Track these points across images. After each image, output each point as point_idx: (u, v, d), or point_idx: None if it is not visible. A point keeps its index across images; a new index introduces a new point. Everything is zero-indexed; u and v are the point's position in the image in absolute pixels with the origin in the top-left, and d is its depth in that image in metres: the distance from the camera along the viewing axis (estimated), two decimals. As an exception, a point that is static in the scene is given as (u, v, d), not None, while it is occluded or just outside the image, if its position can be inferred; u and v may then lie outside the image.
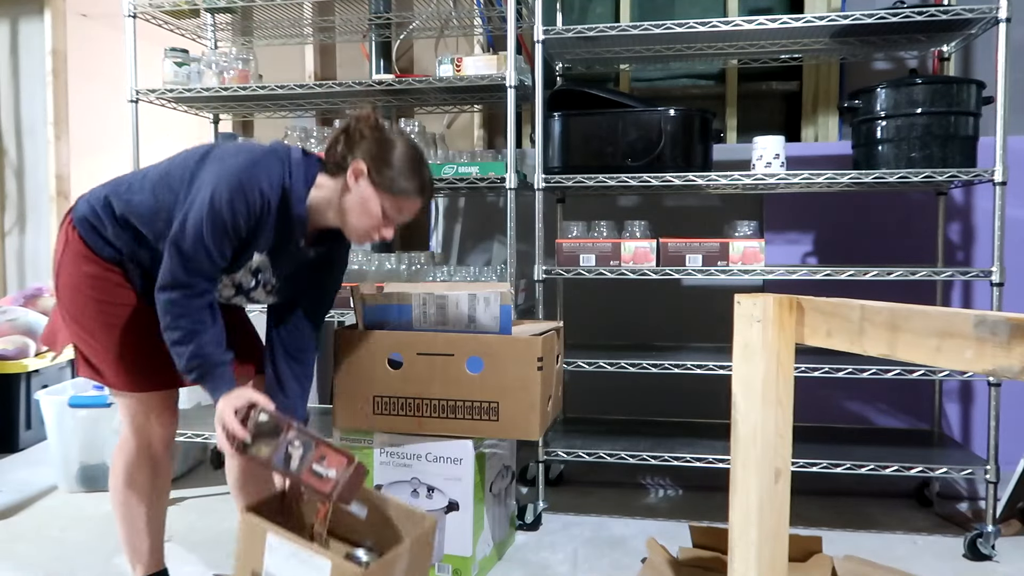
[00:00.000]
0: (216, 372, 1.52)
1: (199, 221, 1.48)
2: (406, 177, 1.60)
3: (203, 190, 1.50)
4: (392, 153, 1.60)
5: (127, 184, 1.62)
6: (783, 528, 1.11)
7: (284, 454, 1.51)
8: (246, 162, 1.53)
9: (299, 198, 1.58)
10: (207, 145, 1.65)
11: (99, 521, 2.37)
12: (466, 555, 1.93)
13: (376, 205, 1.59)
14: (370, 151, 1.59)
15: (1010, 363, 0.74)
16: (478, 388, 1.92)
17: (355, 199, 1.59)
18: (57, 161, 3.70)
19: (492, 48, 3.11)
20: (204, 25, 2.94)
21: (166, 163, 1.64)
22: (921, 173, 2.15)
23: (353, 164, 1.58)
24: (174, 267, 1.50)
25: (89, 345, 1.63)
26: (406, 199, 1.62)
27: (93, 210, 1.60)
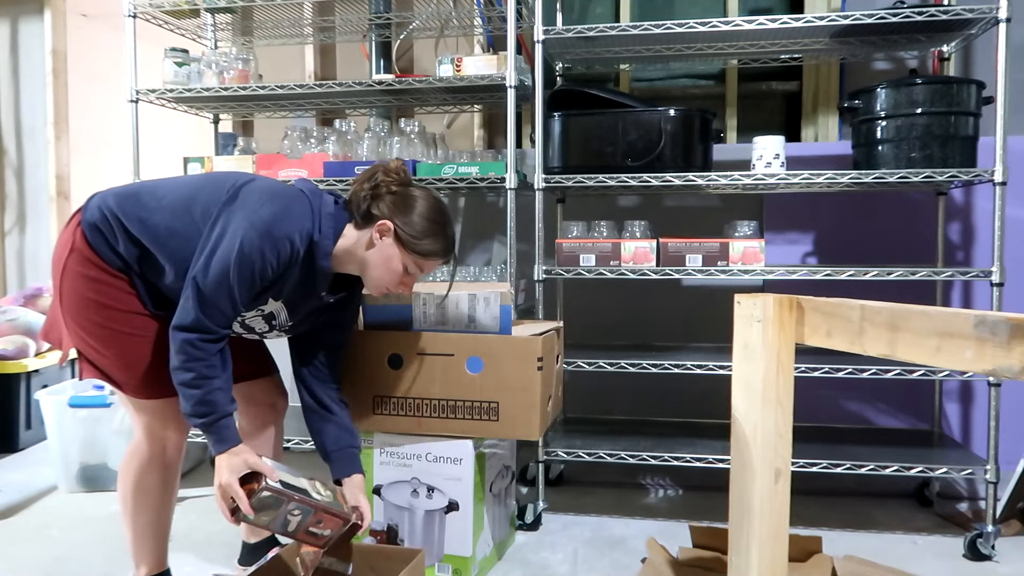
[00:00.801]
0: (221, 423, 1.51)
1: (226, 267, 1.47)
2: (431, 239, 1.62)
3: (230, 235, 1.48)
4: (417, 212, 1.61)
5: (140, 201, 1.58)
6: (783, 528, 1.11)
7: (283, 521, 1.54)
8: (280, 211, 1.51)
9: (325, 252, 1.58)
10: (235, 178, 1.61)
11: (99, 521, 2.37)
12: (466, 555, 1.93)
13: (399, 263, 1.61)
14: (396, 209, 1.60)
15: (1010, 363, 0.74)
16: (478, 388, 1.92)
17: (379, 256, 1.60)
18: (57, 161, 3.70)
19: (492, 48, 3.11)
20: (204, 25, 2.94)
21: (190, 184, 1.60)
22: (921, 173, 2.15)
23: (380, 223, 1.59)
24: (194, 309, 1.48)
25: (97, 352, 1.60)
26: (429, 259, 1.64)
27: (104, 218, 1.56)
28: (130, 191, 1.61)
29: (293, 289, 1.60)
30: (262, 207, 1.51)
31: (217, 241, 1.49)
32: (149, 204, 1.57)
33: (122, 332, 1.58)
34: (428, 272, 1.68)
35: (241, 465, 1.50)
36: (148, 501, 1.70)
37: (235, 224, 1.49)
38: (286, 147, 2.60)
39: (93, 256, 1.56)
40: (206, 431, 1.51)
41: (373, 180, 1.61)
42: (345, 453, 1.76)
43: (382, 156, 2.52)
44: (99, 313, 1.56)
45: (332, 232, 1.59)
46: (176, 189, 1.59)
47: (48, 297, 3.36)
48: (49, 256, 3.75)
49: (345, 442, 1.76)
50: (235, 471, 1.49)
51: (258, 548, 1.91)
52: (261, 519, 1.52)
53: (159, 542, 1.75)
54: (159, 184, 1.63)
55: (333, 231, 1.59)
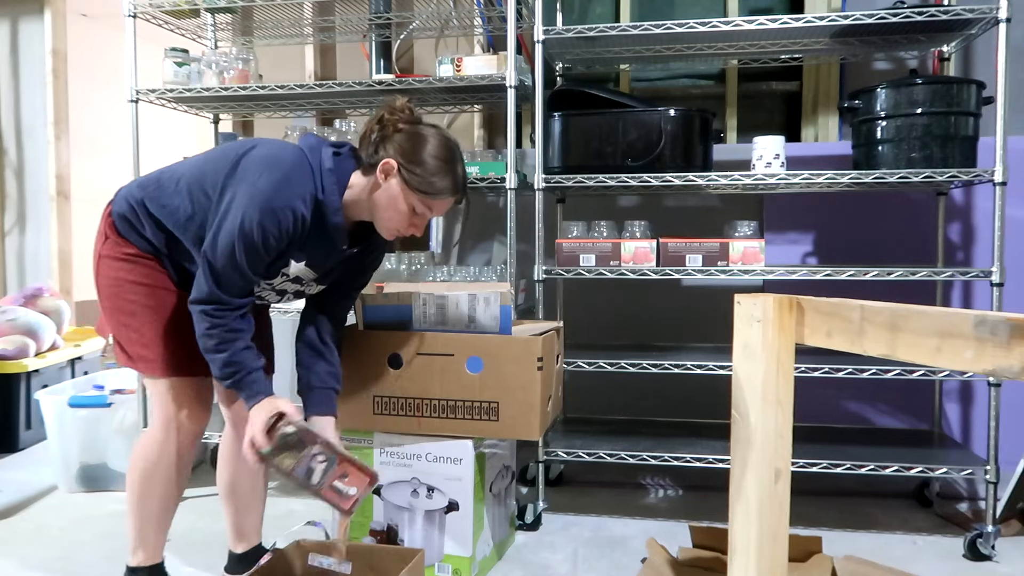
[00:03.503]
0: (249, 378, 1.54)
1: (230, 242, 1.49)
2: (437, 175, 1.57)
3: (233, 211, 1.50)
4: (424, 150, 1.57)
5: (161, 185, 1.62)
6: (783, 528, 1.11)
7: (306, 468, 1.54)
8: (277, 182, 1.50)
9: (334, 208, 1.57)
10: (237, 148, 1.61)
11: (99, 521, 2.37)
12: (466, 555, 1.93)
13: (405, 203, 1.58)
14: (401, 147, 1.56)
15: (1010, 363, 0.74)
16: (478, 388, 1.92)
17: (385, 197, 1.58)
18: (57, 161, 3.70)
19: (492, 48, 3.11)
20: (204, 25, 2.94)
21: (200, 164, 1.62)
22: (921, 173, 2.15)
23: (383, 161, 1.56)
24: (207, 283, 1.51)
25: (127, 331, 1.63)
26: (437, 198, 1.59)
27: (131, 208, 1.61)
28: (152, 178, 1.65)
29: (312, 250, 1.60)
30: (260, 178, 1.50)
31: (223, 217, 1.51)
32: (168, 188, 1.60)
33: (149, 306, 1.62)
34: (438, 213, 1.63)
35: (269, 409, 1.52)
36: (156, 491, 1.71)
37: (237, 199, 1.50)
38: (286, 147, 2.59)
39: (123, 242, 1.62)
40: (237, 388, 1.54)
41: (379, 120, 1.59)
42: (327, 393, 1.76)
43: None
44: (131, 291, 1.61)
45: (336, 187, 1.57)
46: (190, 169, 1.62)
47: (48, 297, 3.36)
48: (49, 256, 3.76)
49: (330, 382, 1.77)
50: (262, 413, 1.51)
51: (246, 557, 1.90)
52: (285, 462, 1.52)
53: (159, 533, 1.76)
54: (178, 166, 1.66)
55: (337, 185, 1.57)
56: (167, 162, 3.96)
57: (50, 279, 3.71)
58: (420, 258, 2.65)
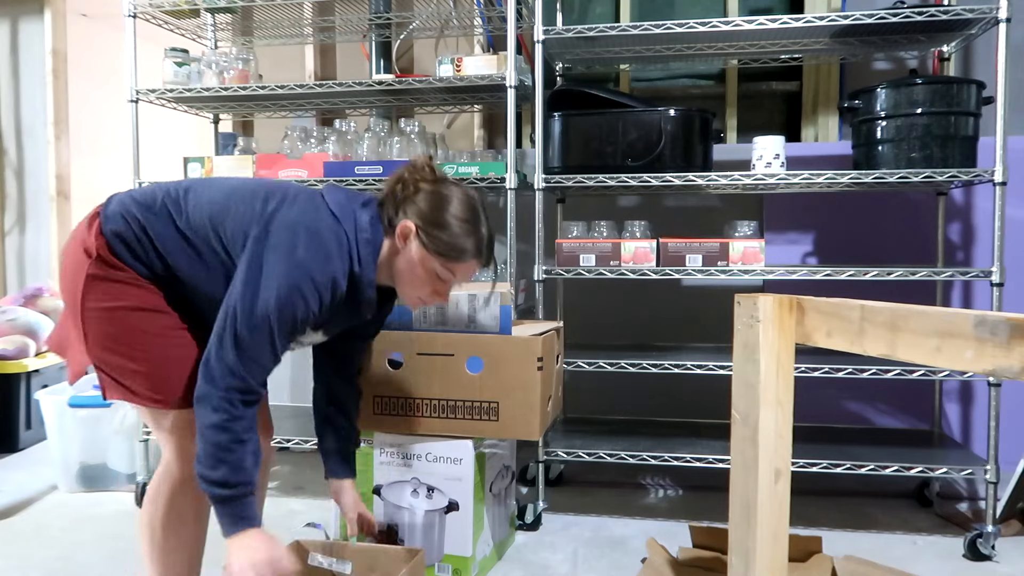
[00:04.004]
0: (247, 499, 1.34)
1: (265, 317, 1.33)
2: (459, 237, 1.47)
3: (270, 280, 1.34)
4: (444, 210, 1.46)
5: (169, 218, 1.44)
6: (783, 528, 1.11)
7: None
8: (317, 253, 1.37)
9: (369, 282, 1.46)
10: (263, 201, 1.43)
11: (99, 521, 2.37)
12: (466, 555, 1.93)
13: (426, 268, 1.47)
14: (420, 208, 1.47)
15: (1010, 363, 0.74)
16: (478, 388, 1.92)
17: (404, 262, 1.48)
18: (57, 161, 3.70)
19: (492, 48, 3.11)
20: (204, 25, 2.94)
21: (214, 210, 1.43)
22: (921, 173, 2.15)
23: (401, 224, 1.46)
24: (235, 362, 1.33)
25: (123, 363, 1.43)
26: (459, 262, 1.48)
27: (130, 229, 1.43)
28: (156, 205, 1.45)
29: (336, 320, 1.51)
30: (298, 248, 1.36)
31: (255, 286, 1.34)
32: (178, 224, 1.43)
33: (151, 333, 1.43)
34: (463, 279, 1.52)
35: (264, 565, 1.32)
36: (182, 534, 1.51)
37: (273, 268, 1.35)
38: (286, 147, 2.60)
39: (117, 263, 1.42)
40: (225, 505, 1.32)
41: (400, 180, 1.50)
42: (345, 455, 1.75)
43: (382, 156, 2.52)
44: (128, 317, 1.42)
45: (372, 257, 1.46)
46: (202, 208, 1.44)
47: (48, 297, 3.36)
48: (49, 256, 3.75)
49: (349, 445, 1.75)
50: (257, 567, 1.32)
51: None
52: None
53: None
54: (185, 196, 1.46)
55: (373, 255, 1.46)
56: (167, 162, 3.96)
57: (50, 279, 3.71)
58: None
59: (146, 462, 2.50)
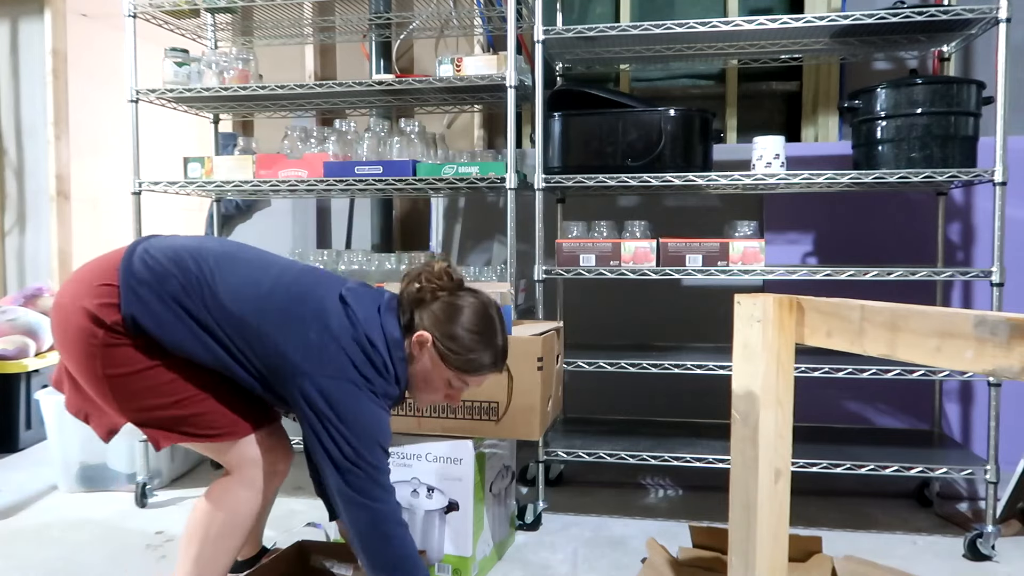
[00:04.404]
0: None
1: (373, 439, 1.42)
2: (475, 351, 1.50)
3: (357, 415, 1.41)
4: (459, 323, 1.49)
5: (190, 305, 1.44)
6: (783, 528, 1.11)
7: None
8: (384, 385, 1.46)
9: (401, 395, 1.53)
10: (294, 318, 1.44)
11: (99, 521, 2.37)
12: (466, 555, 1.93)
13: (441, 379, 1.52)
14: (437, 318, 1.50)
15: (1010, 363, 0.74)
16: (478, 388, 1.92)
17: (420, 370, 1.52)
18: (57, 161, 3.69)
19: (492, 48, 3.11)
20: (204, 25, 2.94)
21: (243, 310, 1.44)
22: (921, 173, 2.15)
23: (417, 334, 1.49)
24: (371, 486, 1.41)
25: (169, 411, 1.46)
26: (475, 374, 1.53)
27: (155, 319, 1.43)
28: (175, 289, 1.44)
29: None
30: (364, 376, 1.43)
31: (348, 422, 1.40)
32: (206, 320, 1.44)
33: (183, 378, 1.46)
34: (477, 385, 1.56)
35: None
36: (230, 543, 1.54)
37: (356, 403, 1.42)
38: (286, 147, 2.60)
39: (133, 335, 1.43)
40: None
41: (417, 283, 1.52)
42: None
43: (382, 156, 2.52)
44: (158, 372, 1.44)
45: (405, 371, 1.51)
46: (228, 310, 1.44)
47: (48, 297, 3.36)
48: (49, 256, 3.75)
49: None
50: None
51: (248, 563, 1.89)
52: None
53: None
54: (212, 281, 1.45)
55: (405, 374, 1.52)
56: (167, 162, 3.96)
57: (50, 279, 3.71)
58: (420, 258, 2.65)
59: (146, 462, 2.50)
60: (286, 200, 3.35)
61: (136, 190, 2.52)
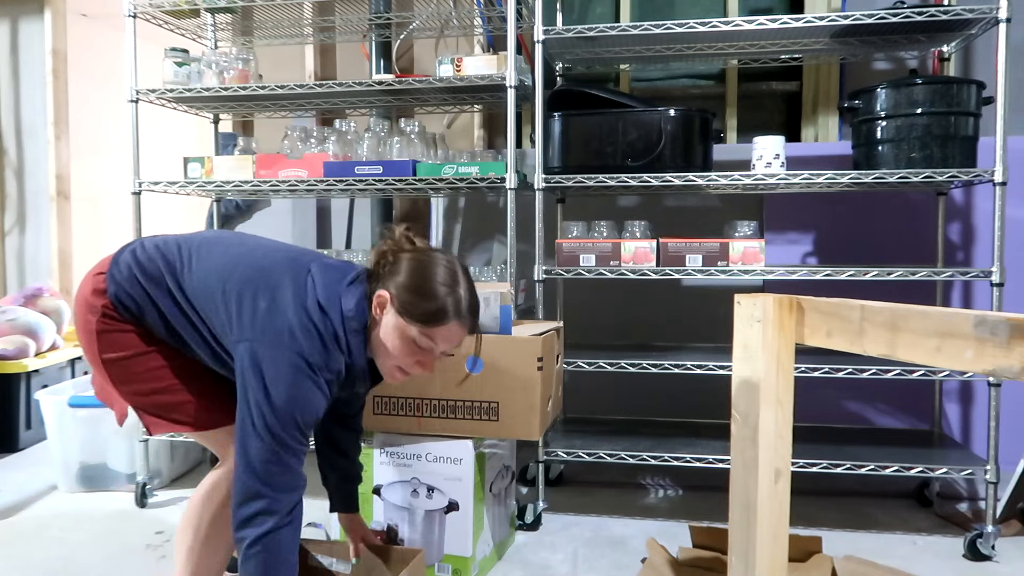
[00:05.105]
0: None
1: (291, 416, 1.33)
2: (434, 299, 1.40)
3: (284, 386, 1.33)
4: (419, 274, 1.42)
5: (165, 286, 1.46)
6: (783, 528, 1.11)
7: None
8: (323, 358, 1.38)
9: (361, 369, 1.46)
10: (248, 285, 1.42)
11: (99, 521, 2.37)
12: (466, 555, 1.93)
13: (404, 339, 1.42)
14: (396, 276, 1.43)
15: (1010, 363, 0.74)
16: (478, 388, 1.92)
17: (383, 334, 1.43)
18: (57, 161, 3.69)
19: (492, 48, 3.11)
20: (204, 25, 2.94)
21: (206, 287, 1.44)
22: (921, 173, 2.15)
23: (376, 296, 1.42)
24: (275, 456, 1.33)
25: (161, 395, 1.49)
26: (437, 326, 1.41)
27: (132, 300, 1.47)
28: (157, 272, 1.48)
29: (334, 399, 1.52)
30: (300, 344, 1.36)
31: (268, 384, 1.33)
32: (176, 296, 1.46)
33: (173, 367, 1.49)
34: (445, 346, 1.46)
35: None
36: (226, 535, 1.53)
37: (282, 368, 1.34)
38: (286, 147, 2.60)
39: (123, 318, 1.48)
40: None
41: (381, 255, 1.47)
42: (347, 491, 1.77)
43: (382, 156, 2.52)
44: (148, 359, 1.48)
45: (361, 344, 1.44)
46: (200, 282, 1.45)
47: (48, 297, 3.36)
48: (49, 256, 3.75)
49: (351, 482, 1.77)
50: None
51: None
52: None
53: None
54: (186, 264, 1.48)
55: (362, 342, 1.44)
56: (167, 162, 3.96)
57: (50, 279, 3.71)
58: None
59: (146, 462, 2.50)
60: (286, 200, 3.35)
61: (136, 190, 2.52)
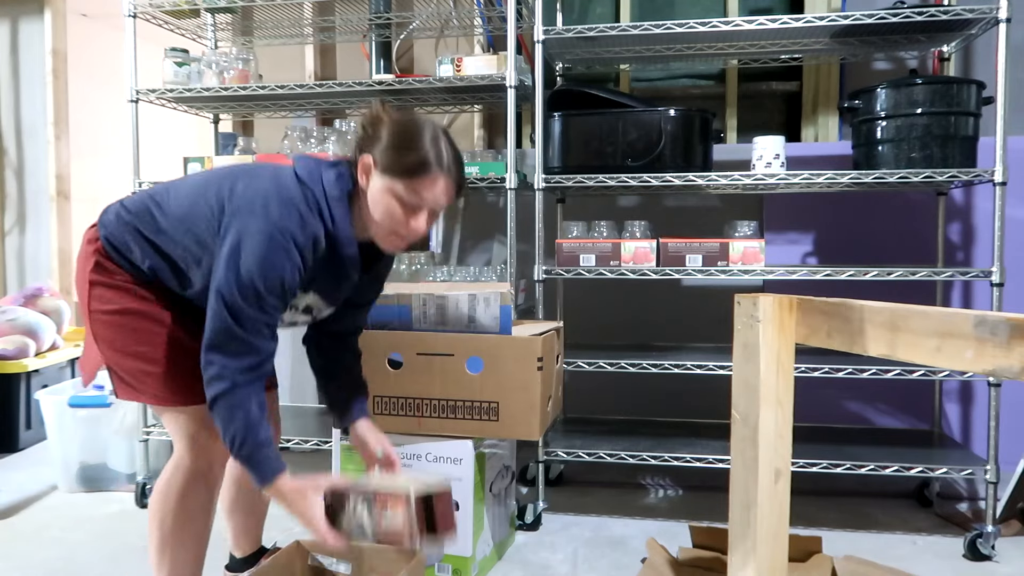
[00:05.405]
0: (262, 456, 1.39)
1: (251, 282, 1.35)
2: (414, 151, 1.41)
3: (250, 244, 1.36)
4: (398, 132, 1.43)
5: (152, 216, 1.48)
6: (783, 528, 1.11)
7: (357, 525, 1.48)
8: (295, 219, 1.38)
9: (347, 239, 1.45)
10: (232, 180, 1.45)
11: (99, 521, 2.37)
12: (466, 555, 1.93)
13: (391, 196, 1.42)
14: (376, 140, 1.44)
15: (1010, 363, 0.74)
16: (478, 388, 1.92)
17: (371, 199, 1.44)
18: (57, 161, 3.69)
19: (492, 48, 3.11)
20: (204, 25, 2.94)
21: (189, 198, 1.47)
22: (921, 173, 2.15)
23: (360, 161, 1.44)
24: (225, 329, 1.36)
25: (132, 359, 1.49)
26: (421, 178, 1.41)
27: (120, 234, 1.49)
28: (142, 206, 1.50)
29: (325, 281, 1.51)
30: (271, 213, 1.37)
31: (236, 258, 1.36)
32: (160, 222, 1.47)
33: (155, 334, 1.48)
34: (435, 199, 1.45)
35: (315, 500, 1.43)
36: (191, 528, 1.55)
37: (251, 237, 1.36)
38: (286, 147, 2.60)
39: (115, 269, 1.49)
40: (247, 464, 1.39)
41: (362, 128, 1.48)
42: (352, 400, 1.72)
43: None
44: (133, 320, 1.48)
45: (345, 213, 1.44)
46: (180, 200, 1.48)
47: (48, 297, 3.36)
48: (49, 256, 3.75)
49: (354, 391, 1.73)
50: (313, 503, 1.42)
51: (247, 558, 1.89)
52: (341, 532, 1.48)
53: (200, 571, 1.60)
54: (166, 193, 1.51)
55: (345, 211, 1.44)
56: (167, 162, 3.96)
57: (50, 279, 3.71)
58: (420, 258, 2.65)
59: (146, 462, 2.50)
60: (286, 200, 3.34)
61: (136, 190, 2.52)
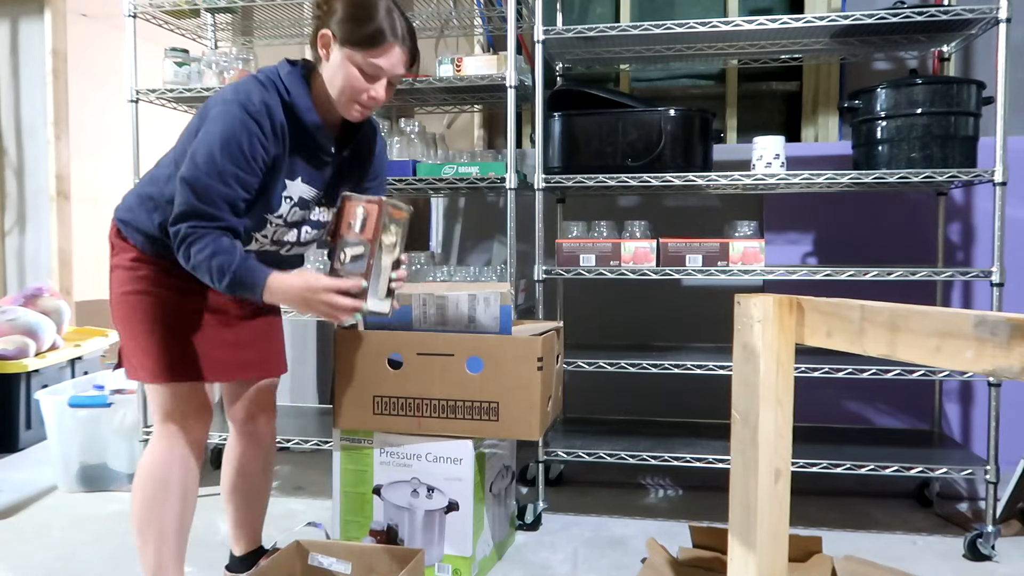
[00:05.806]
0: (245, 268, 1.46)
1: (211, 150, 1.44)
2: (370, 20, 1.48)
3: (210, 123, 1.46)
4: (355, 5, 1.50)
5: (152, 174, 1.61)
6: (783, 528, 1.11)
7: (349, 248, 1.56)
8: (244, 91, 1.49)
9: (306, 107, 1.53)
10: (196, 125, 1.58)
11: (99, 521, 2.37)
12: (466, 555, 1.93)
13: (350, 66, 1.50)
14: (334, 16, 1.51)
15: (1010, 363, 0.74)
16: (478, 388, 1.92)
17: (330, 71, 1.52)
18: (57, 161, 3.70)
19: (492, 48, 3.11)
20: (204, 25, 2.94)
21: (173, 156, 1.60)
22: (921, 173, 2.15)
23: (319, 36, 1.52)
24: (186, 196, 1.44)
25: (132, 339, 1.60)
26: (378, 47, 1.50)
27: (128, 205, 1.61)
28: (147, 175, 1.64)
29: (301, 159, 1.57)
30: (227, 96, 1.48)
31: (198, 141, 1.47)
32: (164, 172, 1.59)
33: (148, 313, 1.58)
34: (391, 67, 1.52)
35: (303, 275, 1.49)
36: (172, 509, 1.60)
37: (210, 119, 1.47)
38: (286, 147, 2.60)
39: (126, 246, 1.60)
40: (239, 287, 1.46)
41: (316, 8, 1.56)
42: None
43: (382, 156, 2.52)
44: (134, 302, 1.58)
45: (300, 86, 1.54)
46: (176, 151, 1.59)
47: (48, 297, 3.36)
48: (49, 256, 3.76)
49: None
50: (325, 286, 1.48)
51: (247, 557, 1.88)
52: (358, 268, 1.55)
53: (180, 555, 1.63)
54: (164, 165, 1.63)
55: (301, 86, 1.54)
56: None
57: (50, 279, 3.71)
58: (420, 258, 2.65)
59: (146, 462, 2.50)
60: (286, 200, 3.34)
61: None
